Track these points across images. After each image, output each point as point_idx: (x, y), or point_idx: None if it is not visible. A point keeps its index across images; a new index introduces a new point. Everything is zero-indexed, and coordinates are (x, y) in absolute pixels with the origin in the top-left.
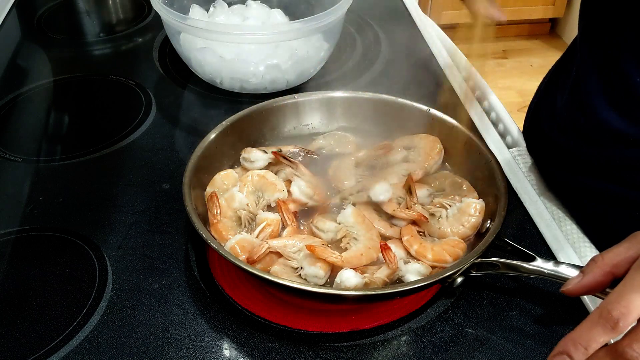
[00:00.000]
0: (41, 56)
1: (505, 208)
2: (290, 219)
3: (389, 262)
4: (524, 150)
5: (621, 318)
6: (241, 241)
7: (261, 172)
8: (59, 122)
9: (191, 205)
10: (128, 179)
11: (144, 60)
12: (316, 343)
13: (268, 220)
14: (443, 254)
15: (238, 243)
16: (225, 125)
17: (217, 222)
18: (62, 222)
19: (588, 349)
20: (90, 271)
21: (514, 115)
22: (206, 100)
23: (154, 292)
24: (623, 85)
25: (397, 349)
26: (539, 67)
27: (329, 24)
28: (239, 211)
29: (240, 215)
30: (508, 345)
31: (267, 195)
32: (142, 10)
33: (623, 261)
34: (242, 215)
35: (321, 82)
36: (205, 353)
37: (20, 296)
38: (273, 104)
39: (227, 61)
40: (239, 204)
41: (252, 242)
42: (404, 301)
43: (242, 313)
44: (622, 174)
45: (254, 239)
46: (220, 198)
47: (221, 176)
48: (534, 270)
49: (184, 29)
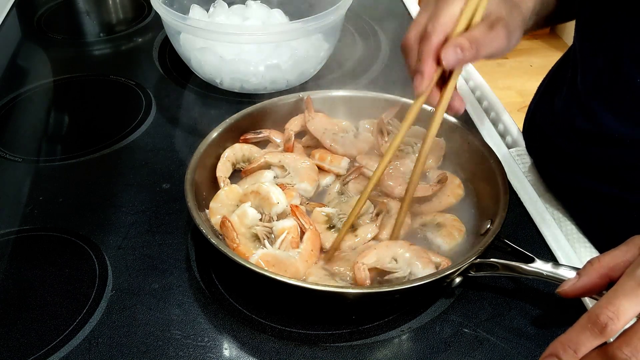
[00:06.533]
0: (41, 56)
1: (505, 208)
2: (307, 222)
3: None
4: (523, 150)
5: (609, 323)
6: (264, 256)
7: (254, 186)
8: (59, 122)
9: (193, 203)
10: (128, 179)
11: (144, 60)
12: (316, 343)
13: (287, 229)
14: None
15: (262, 258)
16: (228, 124)
17: (237, 245)
18: (62, 222)
19: (577, 352)
20: (90, 271)
21: (514, 115)
22: (206, 100)
23: (154, 292)
24: (623, 87)
25: (396, 348)
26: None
27: (329, 24)
28: (254, 228)
29: (256, 233)
30: (507, 346)
31: (267, 210)
32: (142, 10)
33: (619, 264)
34: (259, 231)
35: (321, 82)
36: (205, 353)
37: (20, 296)
38: (277, 102)
39: (227, 61)
40: (251, 220)
41: (276, 255)
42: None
43: (242, 313)
44: (622, 175)
45: (276, 251)
46: (232, 215)
47: (225, 192)
48: (533, 271)
49: (184, 29)
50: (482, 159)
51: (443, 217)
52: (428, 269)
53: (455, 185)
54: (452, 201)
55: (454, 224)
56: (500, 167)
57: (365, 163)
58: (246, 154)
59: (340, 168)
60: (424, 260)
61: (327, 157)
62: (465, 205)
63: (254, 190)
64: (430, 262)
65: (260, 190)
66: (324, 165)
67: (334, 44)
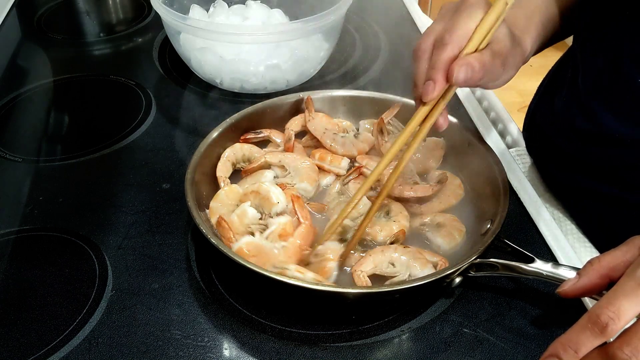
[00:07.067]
0: (41, 56)
1: (505, 208)
2: (304, 216)
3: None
4: (523, 150)
5: (610, 323)
6: (248, 245)
7: (254, 186)
8: (59, 122)
9: (193, 203)
10: (128, 179)
11: (144, 60)
12: (316, 343)
13: (279, 223)
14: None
15: (245, 247)
16: (228, 124)
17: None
18: (62, 222)
19: (578, 353)
20: (90, 271)
21: (514, 115)
22: (206, 100)
23: (154, 292)
24: (623, 87)
25: (396, 348)
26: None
27: (329, 24)
28: (252, 226)
29: (253, 232)
30: (507, 346)
31: (267, 210)
32: (142, 10)
33: (619, 265)
34: (254, 229)
35: (321, 82)
36: (205, 353)
37: (20, 296)
38: (277, 102)
39: (227, 61)
40: (251, 220)
41: (259, 245)
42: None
43: (242, 313)
44: (622, 175)
45: (262, 241)
46: (232, 215)
47: (225, 192)
48: (533, 271)
49: (184, 29)
50: (482, 159)
51: (443, 217)
52: (427, 270)
53: (455, 185)
54: (452, 201)
55: (454, 224)
56: (500, 167)
57: (365, 163)
58: (246, 154)
59: (340, 168)
60: (421, 261)
61: (327, 157)
62: (465, 205)
63: (254, 190)
64: (427, 262)
65: (260, 190)
66: (324, 165)
67: (334, 44)
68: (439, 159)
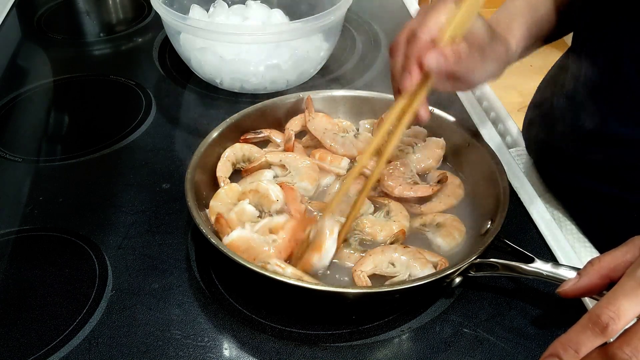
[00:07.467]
0: (41, 56)
1: (505, 208)
2: (296, 209)
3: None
4: (523, 150)
5: (610, 323)
6: (239, 239)
7: (253, 185)
8: (59, 122)
9: (193, 203)
10: (128, 179)
11: (144, 60)
12: (316, 343)
13: (280, 224)
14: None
15: (236, 241)
16: (227, 124)
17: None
18: (62, 222)
19: (578, 352)
20: (90, 271)
21: (514, 115)
22: (206, 100)
23: (154, 292)
24: (623, 87)
25: (396, 348)
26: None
27: (329, 24)
28: (250, 224)
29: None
30: (507, 346)
31: (266, 208)
32: (142, 10)
33: (619, 265)
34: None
35: (321, 82)
36: (205, 353)
37: (20, 296)
38: (277, 102)
39: (227, 61)
40: (249, 217)
41: (250, 239)
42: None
43: (242, 313)
44: (622, 175)
45: (253, 235)
46: (231, 213)
47: (225, 190)
48: (533, 271)
49: (184, 29)
50: (482, 159)
51: (443, 217)
52: (426, 269)
53: (455, 185)
54: (452, 201)
55: (454, 224)
56: (500, 167)
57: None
58: (246, 153)
59: (340, 168)
60: (421, 261)
61: (327, 157)
62: (465, 205)
63: (253, 188)
64: (427, 262)
65: (259, 188)
66: (324, 165)
67: (334, 44)
68: (439, 159)
